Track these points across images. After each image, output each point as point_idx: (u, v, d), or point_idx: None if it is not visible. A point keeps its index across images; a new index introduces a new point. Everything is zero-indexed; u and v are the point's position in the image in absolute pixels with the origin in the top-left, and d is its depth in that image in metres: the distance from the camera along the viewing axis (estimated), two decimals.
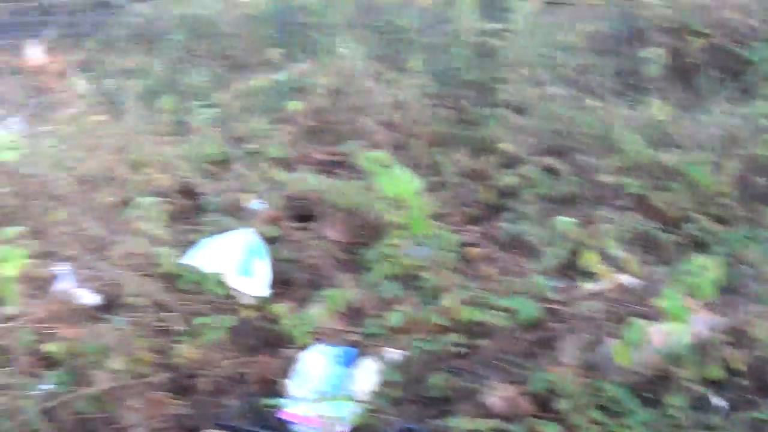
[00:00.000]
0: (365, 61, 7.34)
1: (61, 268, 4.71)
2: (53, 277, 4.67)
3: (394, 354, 4.23)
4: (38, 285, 4.57)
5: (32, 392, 3.97)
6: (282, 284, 4.88)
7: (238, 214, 5.43)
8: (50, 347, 4.12)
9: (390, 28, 8.81)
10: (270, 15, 9.39)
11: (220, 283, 4.59)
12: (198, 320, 4.35)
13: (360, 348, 4.33)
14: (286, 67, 7.93)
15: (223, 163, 6.28)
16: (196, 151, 6.31)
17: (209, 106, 7.30)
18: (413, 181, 4.94)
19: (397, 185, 4.86)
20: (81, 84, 7.24)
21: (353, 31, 8.32)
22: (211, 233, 5.10)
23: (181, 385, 4.14)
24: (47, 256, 4.76)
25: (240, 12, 9.60)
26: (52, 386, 4.05)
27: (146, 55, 9.07)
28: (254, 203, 5.57)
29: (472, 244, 5.23)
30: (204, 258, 4.70)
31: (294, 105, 6.86)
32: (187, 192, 5.80)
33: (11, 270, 3.71)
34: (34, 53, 5.87)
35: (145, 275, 4.60)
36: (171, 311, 4.40)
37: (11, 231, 4.09)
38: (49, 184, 5.16)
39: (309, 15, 9.15)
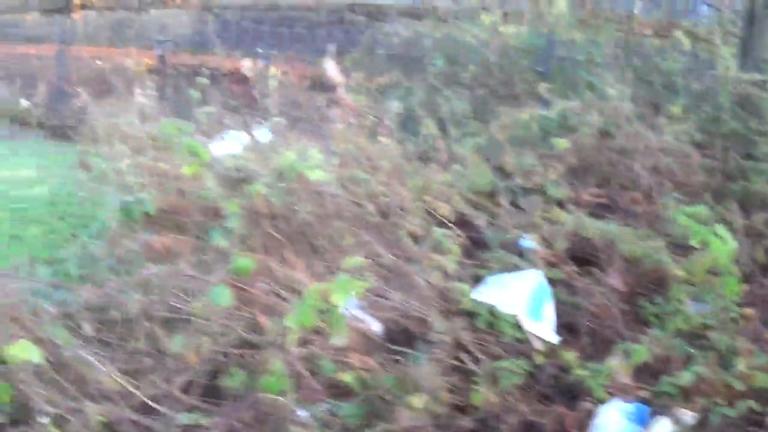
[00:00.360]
0: (630, 102, 7.13)
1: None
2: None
3: (687, 415, 4.01)
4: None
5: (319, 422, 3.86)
6: (565, 330, 4.68)
7: (516, 252, 5.24)
8: (345, 377, 3.97)
9: (652, 70, 8.59)
10: (532, 47, 9.26)
11: (515, 326, 4.41)
12: (496, 363, 4.17)
13: (652, 406, 4.11)
14: (550, 102, 7.75)
15: (491, 195, 6.12)
16: (464, 180, 6.16)
17: (471, 134, 7.19)
18: (730, 240, 4.68)
19: (715, 244, 4.61)
20: (349, 101, 7.20)
21: (616, 71, 8.13)
22: (497, 270, 4.94)
23: (477, 430, 3.98)
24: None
25: (502, 42, 9.48)
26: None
27: (405, 76, 9.04)
28: (526, 241, 5.37)
29: (747, 304, 4.93)
30: (495, 297, 4.52)
31: (560, 142, 6.64)
32: (463, 223, 5.64)
33: (341, 300, 3.58)
34: (331, 68, 5.78)
35: (440, 310, 4.43)
36: (467, 350, 4.24)
37: (354, 261, 3.96)
38: (343, 206, 5.04)
39: (572, 50, 8.98)
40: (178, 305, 4.09)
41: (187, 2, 23.67)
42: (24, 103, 16.89)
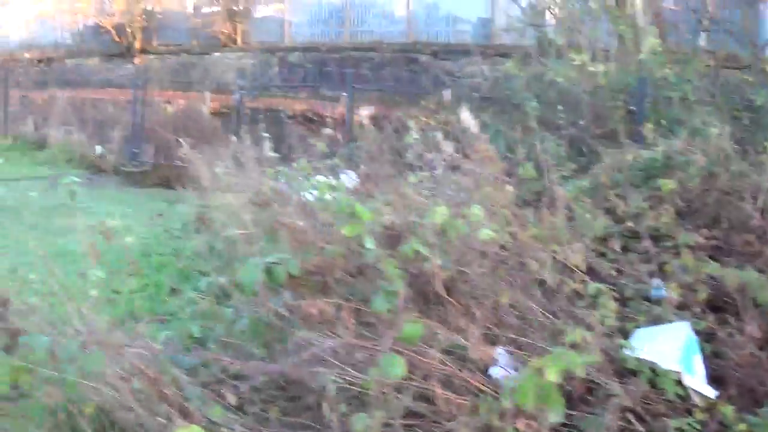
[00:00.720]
0: (730, 140, 6.93)
1: (500, 351, 4.38)
2: (493, 360, 4.33)
3: None
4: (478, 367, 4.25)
5: None
6: (712, 381, 4.48)
7: (652, 302, 5.04)
8: None
9: (746, 107, 8.40)
10: (623, 86, 9.08)
11: (677, 382, 4.20)
12: (674, 422, 3.97)
13: None
14: (645, 142, 7.56)
15: (605, 240, 5.91)
16: (581, 226, 5.95)
17: (569, 177, 7.01)
18: None
19: None
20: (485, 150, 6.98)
21: (709, 107, 7.95)
22: (643, 323, 4.74)
23: None
24: (491, 338, 4.44)
25: (592, 81, 9.29)
26: None
27: (493, 117, 8.87)
28: (660, 290, 5.18)
29: None
30: (650, 352, 4.31)
31: (667, 183, 6.43)
32: (588, 272, 5.42)
33: (556, 376, 3.38)
34: (466, 117, 5.57)
35: (599, 369, 4.21)
36: (631, 409, 4.05)
37: (576, 335, 3.76)
38: (490, 261, 4.80)
39: (664, 88, 8.79)
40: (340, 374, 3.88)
41: (249, 44, 23.71)
42: (98, 149, 16.90)
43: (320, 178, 7.17)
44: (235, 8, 24.52)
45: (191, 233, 8.36)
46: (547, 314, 4.54)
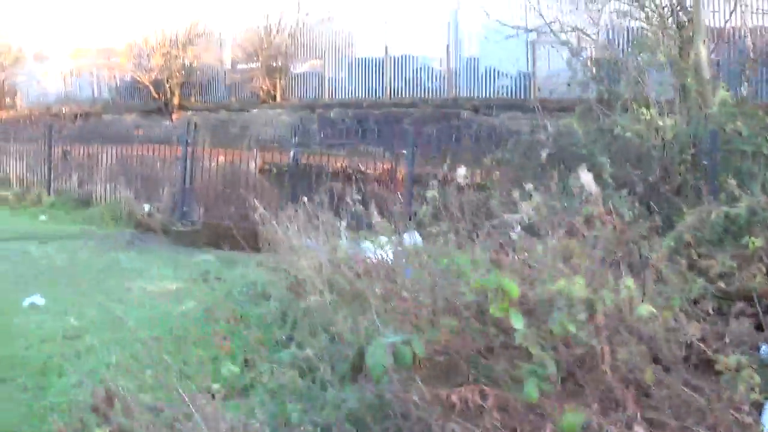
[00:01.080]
0: None
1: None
2: None
3: None
4: None
5: None
6: None
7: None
8: None
9: None
10: (691, 139, 8.78)
11: None
12: None
13: None
14: (719, 198, 7.26)
15: (696, 302, 5.57)
16: (669, 289, 5.62)
17: (645, 236, 6.70)
18: None
19: None
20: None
21: None
22: None
23: None
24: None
25: (660, 135, 8.97)
26: None
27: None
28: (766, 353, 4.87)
29: None
30: None
31: (754, 241, 6.12)
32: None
33: None
34: (587, 179, 5.17)
35: None
36: None
37: None
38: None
39: (736, 141, 8.48)
40: None
41: (288, 100, 23.57)
42: (146, 207, 16.60)
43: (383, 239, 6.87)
44: (273, 64, 24.38)
45: (259, 298, 7.98)
46: (685, 390, 4.20)
